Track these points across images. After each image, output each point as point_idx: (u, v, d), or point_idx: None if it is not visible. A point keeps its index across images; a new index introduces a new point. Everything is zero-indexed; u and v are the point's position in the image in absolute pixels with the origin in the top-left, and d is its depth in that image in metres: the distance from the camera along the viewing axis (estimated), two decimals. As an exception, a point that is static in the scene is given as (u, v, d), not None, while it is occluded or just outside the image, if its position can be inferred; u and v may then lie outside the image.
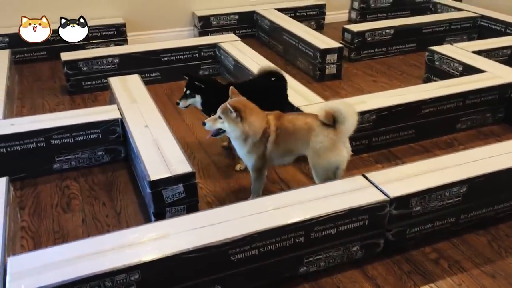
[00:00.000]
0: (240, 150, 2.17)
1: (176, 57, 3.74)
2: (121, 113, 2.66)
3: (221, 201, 2.37)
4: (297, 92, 2.94)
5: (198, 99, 2.54)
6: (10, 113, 2.97)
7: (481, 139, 2.93)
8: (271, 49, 4.46)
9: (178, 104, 2.55)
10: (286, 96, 2.69)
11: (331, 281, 1.89)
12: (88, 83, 3.58)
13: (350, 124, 2.01)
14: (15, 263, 1.61)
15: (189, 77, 2.56)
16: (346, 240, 1.91)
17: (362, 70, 4.03)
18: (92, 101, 3.48)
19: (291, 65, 4.06)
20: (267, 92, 2.54)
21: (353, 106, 2.08)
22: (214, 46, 3.85)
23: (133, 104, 2.77)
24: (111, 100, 3.14)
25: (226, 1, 4.84)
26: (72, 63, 3.49)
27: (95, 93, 3.58)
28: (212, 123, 2.10)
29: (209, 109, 2.49)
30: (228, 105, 2.02)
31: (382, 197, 1.92)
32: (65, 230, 2.18)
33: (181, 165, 2.17)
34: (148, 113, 2.67)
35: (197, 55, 3.83)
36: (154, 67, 3.70)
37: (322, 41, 3.83)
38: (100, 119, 2.59)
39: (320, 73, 3.74)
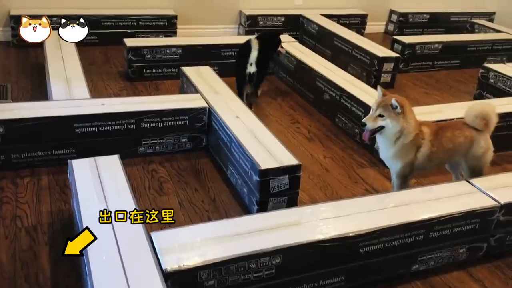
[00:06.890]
0: (387, 151, 2.15)
1: (236, 53, 3.75)
2: (207, 103, 2.67)
3: (312, 199, 2.40)
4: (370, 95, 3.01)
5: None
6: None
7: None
8: (317, 53, 4.50)
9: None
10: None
11: (440, 281, 1.94)
12: (149, 71, 3.58)
13: (494, 124, 2.22)
14: (159, 239, 1.61)
15: None
16: (457, 242, 1.96)
17: (412, 81, 4.11)
18: (154, 89, 3.47)
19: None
20: None
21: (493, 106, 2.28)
22: (272, 45, 3.88)
23: (217, 95, 2.79)
24: (183, 89, 3.15)
25: (272, 3, 4.89)
26: (137, 50, 3.49)
27: (156, 82, 3.57)
28: (373, 122, 2.06)
29: None
30: (393, 101, 2.01)
31: (493, 203, 1.98)
32: (165, 213, 2.18)
33: (286, 157, 2.20)
34: (234, 104, 2.69)
35: (255, 52, 3.85)
36: (214, 61, 3.70)
37: (378, 50, 3.91)
38: (188, 106, 2.60)
39: (375, 80, 3.81)
